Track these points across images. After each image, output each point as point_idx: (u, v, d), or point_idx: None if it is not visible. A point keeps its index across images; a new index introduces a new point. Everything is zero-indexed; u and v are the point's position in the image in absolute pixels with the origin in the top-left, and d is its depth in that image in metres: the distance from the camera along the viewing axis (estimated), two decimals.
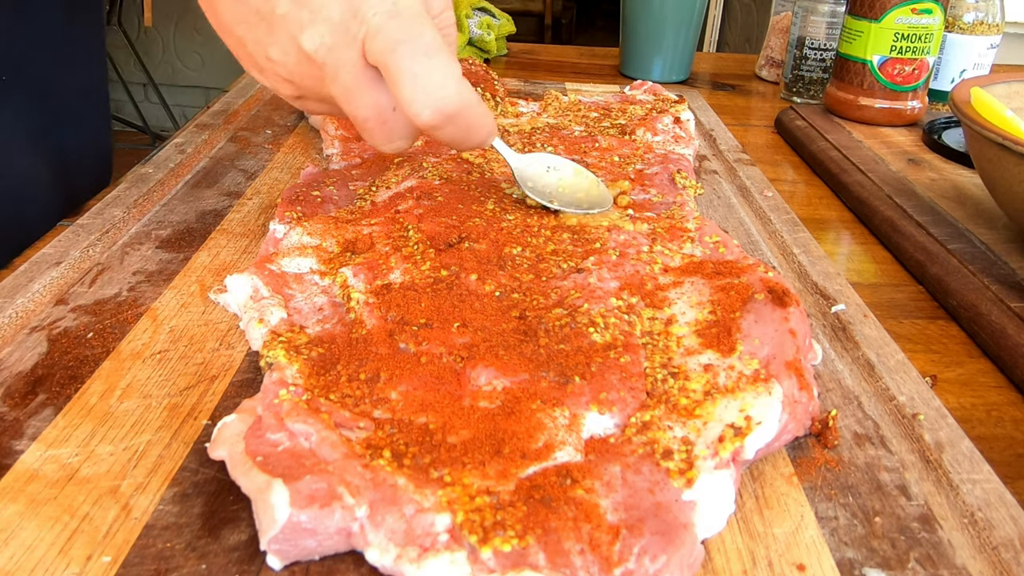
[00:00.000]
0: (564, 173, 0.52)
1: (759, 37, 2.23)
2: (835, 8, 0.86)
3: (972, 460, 0.34)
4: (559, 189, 0.51)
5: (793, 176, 0.70)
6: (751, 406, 0.33)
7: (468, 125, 0.39)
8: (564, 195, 0.51)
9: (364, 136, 0.41)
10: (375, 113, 0.39)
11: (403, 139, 0.41)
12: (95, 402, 0.35)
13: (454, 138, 0.40)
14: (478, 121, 0.40)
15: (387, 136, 0.40)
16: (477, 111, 0.39)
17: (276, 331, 0.38)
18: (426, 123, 0.37)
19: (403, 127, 0.40)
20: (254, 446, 0.30)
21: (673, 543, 0.28)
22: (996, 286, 0.47)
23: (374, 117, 0.39)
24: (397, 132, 0.40)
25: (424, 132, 0.39)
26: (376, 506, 0.28)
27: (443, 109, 0.37)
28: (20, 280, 0.43)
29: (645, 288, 0.42)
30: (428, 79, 0.36)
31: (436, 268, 0.42)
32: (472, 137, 0.40)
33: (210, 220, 0.53)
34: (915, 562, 0.29)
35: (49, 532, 0.29)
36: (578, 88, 0.88)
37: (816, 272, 0.49)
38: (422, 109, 0.37)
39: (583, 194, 0.51)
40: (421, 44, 0.36)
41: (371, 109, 0.39)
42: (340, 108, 0.40)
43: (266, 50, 0.39)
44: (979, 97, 0.53)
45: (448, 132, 0.39)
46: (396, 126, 0.40)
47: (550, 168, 0.51)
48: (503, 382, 0.34)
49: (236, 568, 0.28)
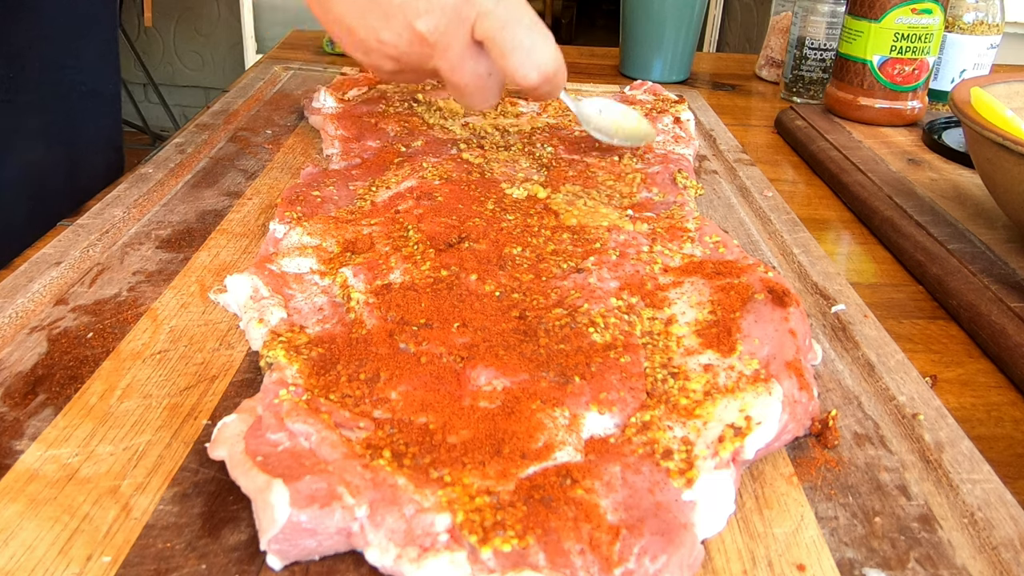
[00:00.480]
0: (614, 114, 0.63)
1: (759, 37, 2.23)
2: (835, 8, 0.86)
3: (972, 460, 0.34)
4: (613, 127, 0.62)
5: (793, 176, 0.70)
6: (751, 406, 0.33)
7: (557, 82, 0.49)
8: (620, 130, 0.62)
9: (460, 99, 0.51)
10: (475, 79, 0.48)
11: (495, 98, 0.51)
12: (95, 402, 0.35)
13: (543, 93, 0.50)
14: (562, 77, 0.50)
15: (484, 97, 0.50)
16: (563, 70, 0.50)
17: (276, 331, 0.38)
18: (532, 83, 0.48)
19: (497, 88, 0.50)
20: (254, 446, 0.30)
21: (673, 543, 0.28)
22: (996, 286, 0.47)
23: (473, 82, 0.49)
24: (492, 92, 0.50)
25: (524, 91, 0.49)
26: (376, 506, 0.28)
27: (546, 72, 0.48)
28: (20, 280, 0.43)
29: (645, 288, 0.42)
30: (534, 49, 0.47)
31: (436, 268, 0.42)
32: (556, 90, 0.51)
33: (210, 220, 0.53)
34: (915, 562, 0.29)
35: (49, 532, 0.29)
36: (578, 88, 0.88)
37: (816, 272, 0.49)
38: (531, 72, 0.47)
39: (632, 129, 0.63)
40: (525, 22, 0.46)
41: (473, 76, 0.48)
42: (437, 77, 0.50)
43: (378, 34, 0.47)
44: (979, 97, 0.53)
45: (543, 89, 0.49)
46: (492, 88, 0.50)
47: (602, 111, 0.63)
48: (503, 382, 0.34)
49: (236, 568, 0.28)
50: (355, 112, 0.68)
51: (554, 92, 0.51)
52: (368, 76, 0.80)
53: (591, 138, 0.64)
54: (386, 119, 0.66)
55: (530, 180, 0.55)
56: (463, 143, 0.62)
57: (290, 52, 1.01)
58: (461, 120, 0.68)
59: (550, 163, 0.59)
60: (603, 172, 0.58)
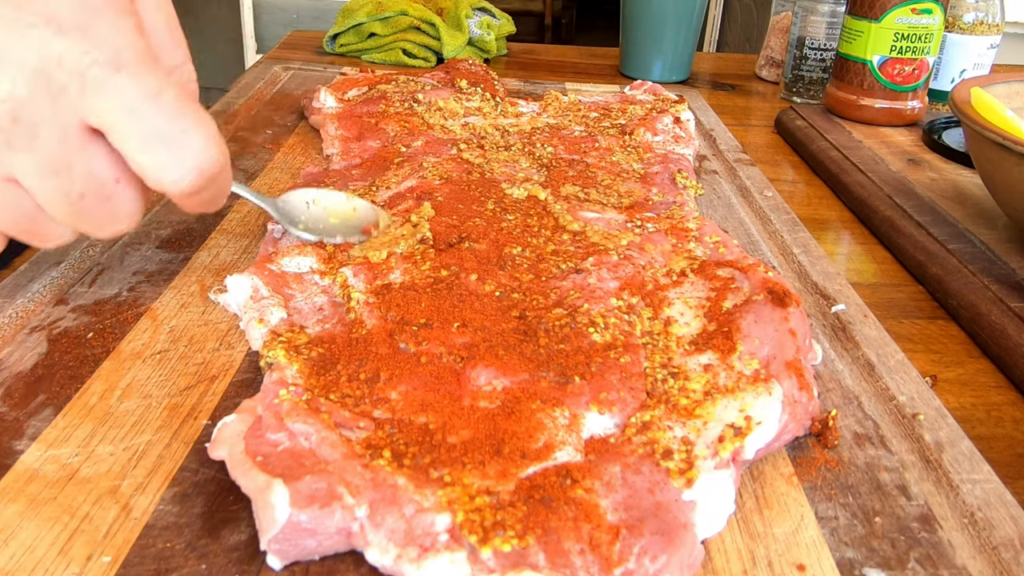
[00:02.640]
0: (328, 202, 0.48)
1: (759, 37, 2.23)
2: (835, 8, 0.86)
3: (972, 460, 0.34)
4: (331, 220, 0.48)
5: (793, 176, 0.70)
6: (751, 406, 0.33)
7: (223, 181, 0.34)
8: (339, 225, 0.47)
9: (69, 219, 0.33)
10: (95, 187, 0.32)
11: (128, 218, 0.34)
12: (95, 402, 0.35)
13: (207, 202, 0.35)
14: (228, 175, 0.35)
15: (110, 215, 0.33)
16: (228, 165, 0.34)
17: (276, 331, 0.38)
18: (187, 188, 0.32)
19: (129, 202, 0.33)
20: (254, 446, 0.30)
21: (673, 543, 0.28)
22: (996, 286, 0.47)
23: (93, 192, 0.32)
24: (122, 209, 0.33)
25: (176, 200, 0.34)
26: (376, 506, 0.28)
27: (209, 170, 0.32)
28: (20, 280, 0.43)
29: (645, 288, 0.42)
30: (185, 138, 0.31)
31: (436, 268, 0.42)
32: (223, 193, 0.36)
33: (210, 220, 0.53)
34: (915, 562, 0.29)
35: (49, 532, 0.29)
36: (578, 88, 0.88)
37: (816, 272, 0.49)
38: (185, 175, 0.31)
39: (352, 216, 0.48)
40: (166, 100, 0.31)
41: (89, 182, 0.31)
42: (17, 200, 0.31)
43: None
44: (979, 97, 0.53)
45: (206, 195, 0.34)
46: (121, 202, 0.33)
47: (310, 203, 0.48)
48: (503, 382, 0.34)
49: (236, 568, 0.28)
50: (355, 112, 0.68)
51: (220, 196, 0.36)
52: (368, 76, 0.80)
53: (592, 138, 0.64)
54: (386, 119, 0.66)
55: (530, 180, 0.55)
56: (463, 143, 0.62)
57: (290, 52, 1.01)
58: (461, 120, 0.68)
59: (550, 163, 0.59)
60: (603, 172, 0.58)
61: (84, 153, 0.31)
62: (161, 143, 0.31)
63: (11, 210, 0.32)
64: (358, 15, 0.97)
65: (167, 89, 0.31)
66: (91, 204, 0.32)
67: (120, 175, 0.32)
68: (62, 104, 0.29)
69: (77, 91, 0.29)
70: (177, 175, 0.31)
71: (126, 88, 0.30)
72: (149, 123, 0.30)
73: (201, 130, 0.32)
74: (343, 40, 0.99)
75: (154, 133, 0.30)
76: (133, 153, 0.31)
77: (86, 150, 0.31)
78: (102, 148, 0.31)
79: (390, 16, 0.96)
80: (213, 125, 0.33)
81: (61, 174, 0.31)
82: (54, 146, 0.30)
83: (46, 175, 0.31)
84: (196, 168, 0.32)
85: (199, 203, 0.35)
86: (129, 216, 0.34)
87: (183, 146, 0.31)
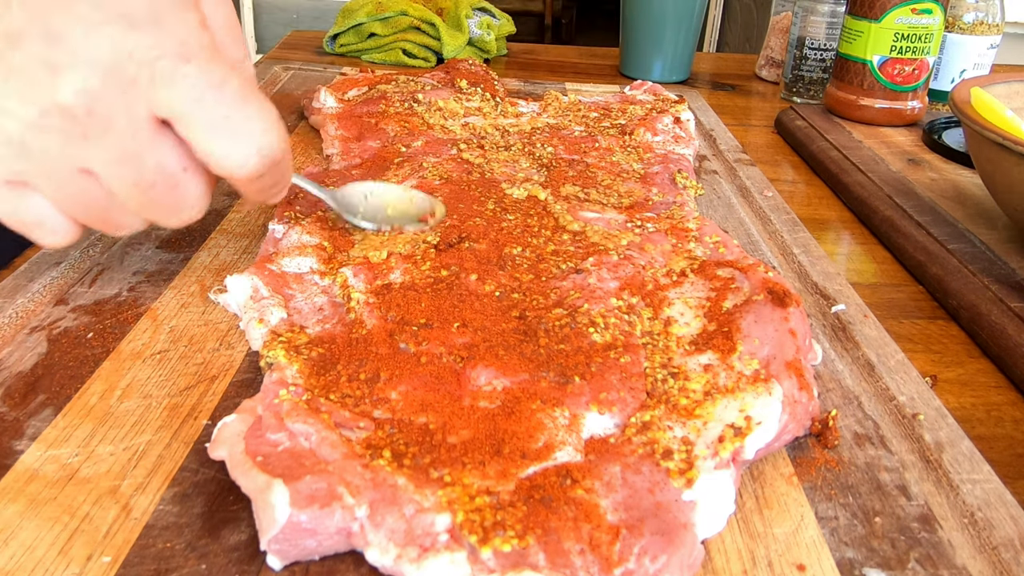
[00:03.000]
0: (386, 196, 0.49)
1: (759, 37, 2.23)
2: (835, 8, 0.86)
3: (972, 460, 0.34)
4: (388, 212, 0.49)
5: (793, 176, 0.70)
6: (751, 406, 0.33)
7: (286, 167, 0.36)
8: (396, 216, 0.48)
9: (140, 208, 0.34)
10: (163, 177, 0.33)
11: (195, 207, 0.35)
12: (95, 402, 0.35)
13: (269, 188, 0.36)
14: (290, 161, 0.37)
15: (178, 204, 0.35)
16: (290, 152, 0.36)
17: (276, 331, 0.38)
18: (252, 171, 0.33)
19: (196, 191, 0.35)
20: (254, 446, 0.30)
21: (673, 543, 0.28)
22: (996, 286, 0.47)
23: (162, 181, 0.33)
24: (189, 198, 0.35)
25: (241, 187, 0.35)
26: (376, 506, 0.28)
27: (270, 155, 0.34)
28: (20, 280, 0.43)
29: (645, 288, 0.42)
30: (250, 126, 0.33)
31: (436, 268, 0.42)
32: (286, 179, 0.37)
33: (210, 220, 0.53)
34: (915, 562, 0.29)
35: (49, 532, 0.29)
36: (578, 88, 0.88)
37: (816, 272, 0.49)
38: (248, 159, 0.33)
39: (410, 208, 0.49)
40: (230, 89, 0.32)
41: (158, 172, 0.33)
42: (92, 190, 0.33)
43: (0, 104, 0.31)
44: (979, 97, 0.53)
45: (268, 180, 0.35)
46: (188, 191, 0.34)
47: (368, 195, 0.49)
48: (503, 382, 0.34)
49: (236, 568, 0.28)
50: (355, 112, 0.68)
51: (283, 183, 0.37)
52: (368, 76, 0.80)
53: (592, 138, 0.64)
54: (386, 119, 0.66)
55: (530, 180, 0.55)
56: (463, 143, 0.62)
57: (290, 52, 1.01)
58: (461, 120, 0.68)
59: (550, 163, 0.59)
60: (603, 172, 0.58)
61: (153, 143, 0.32)
62: (226, 129, 0.32)
63: (86, 200, 0.34)
64: (358, 15, 0.97)
65: (231, 79, 0.32)
66: (160, 193, 0.34)
67: (187, 164, 0.34)
68: (133, 96, 0.31)
69: (147, 82, 0.31)
70: (241, 159, 0.33)
71: (193, 78, 0.31)
72: (214, 111, 0.32)
73: (264, 117, 0.33)
74: (343, 40, 0.99)
75: (219, 120, 0.32)
76: (199, 140, 0.32)
77: (155, 140, 0.32)
78: (170, 139, 0.33)
79: (390, 16, 0.96)
80: (275, 113, 0.34)
81: (132, 164, 0.32)
82: (126, 137, 0.32)
83: (118, 165, 0.32)
84: (259, 153, 0.33)
85: (261, 189, 0.36)
86: (196, 205, 0.35)
87: (247, 132, 0.33)
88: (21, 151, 0.32)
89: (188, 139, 0.33)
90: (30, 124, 0.31)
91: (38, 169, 0.32)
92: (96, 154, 0.32)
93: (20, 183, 0.33)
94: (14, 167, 0.32)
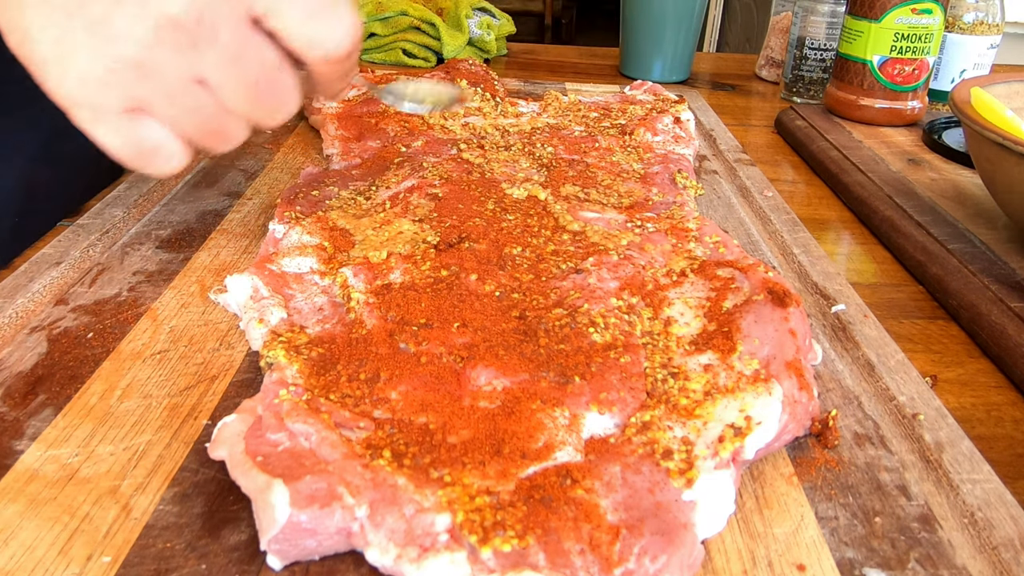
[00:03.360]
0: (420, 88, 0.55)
1: (759, 37, 2.23)
2: (835, 8, 0.86)
3: (972, 460, 0.34)
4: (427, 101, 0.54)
5: (793, 176, 0.70)
6: (751, 406, 0.33)
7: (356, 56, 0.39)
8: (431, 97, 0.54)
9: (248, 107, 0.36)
10: (266, 72, 0.36)
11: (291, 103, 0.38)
12: (95, 402, 0.35)
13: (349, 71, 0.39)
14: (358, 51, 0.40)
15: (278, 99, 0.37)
16: None
17: (276, 331, 0.38)
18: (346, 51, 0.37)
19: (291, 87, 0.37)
20: (254, 446, 0.30)
21: (673, 543, 0.28)
22: (996, 286, 0.47)
23: (265, 78, 0.36)
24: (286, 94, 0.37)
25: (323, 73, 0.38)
26: (376, 506, 0.28)
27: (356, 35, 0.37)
28: (20, 280, 0.43)
29: (645, 288, 0.42)
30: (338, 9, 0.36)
31: (436, 268, 0.42)
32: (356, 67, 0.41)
33: (210, 220, 0.53)
34: (915, 562, 0.29)
35: (49, 532, 0.29)
36: (578, 88, 0.88)
37: (816, 272, 0.49)
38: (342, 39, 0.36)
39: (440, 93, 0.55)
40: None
41: (261, 68, 0.35)
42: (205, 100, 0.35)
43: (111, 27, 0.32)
44: (979, 97, 0.53)
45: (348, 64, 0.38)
46: (285, 86, 0.37)
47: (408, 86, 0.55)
48: (503, 382, 0.34)
49: (236, 568, 0.28)
50: (355, 112, 0.68)
51: (355, 67, 0.41)
52: (368, 76, 0.80)
53: (592, 138, 0.64)
54: (386, 119, 0.66)
55: (530, 180, 0.55)
56: (463, 143, 0.62)
57: None
58: (461, 120, 0.68)
59: (550, 163, 0.59)
60: (603, 172, 0.58)
61: (253, 41, 0.35)
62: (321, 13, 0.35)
63: (200, 111, 0.36)
64: None
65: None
66: (264, 89, 0.36)
67: (281, 60, 0.36)
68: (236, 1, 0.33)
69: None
70: (338, 39, 0.36)
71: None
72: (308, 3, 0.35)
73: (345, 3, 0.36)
74: None
75: (312, 8, 0.35)
76: (297, 27, 0.35)
77: (254, 39, 0.35)
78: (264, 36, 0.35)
79: (390, 16, 0.96)
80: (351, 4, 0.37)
81: (239, 64, 0.35)
82: (232, 39, 0.34)
83: (228, 67, 0.34)
84: (349, 32, 0.36)
85: (345, 73, 0.39)
86: (291, 99, 0.38)
87: (336, 16, 0.36)
88: (139, 73, 0.33)
89: (283, 30, 0.35)
90: (146, 43, 0.32)
91: (155, 87, 0.34)
92: (207, 60, 0.34)
93: (137, 109, 0.35)
94: (132, 92, 0.34)
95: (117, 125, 0.35)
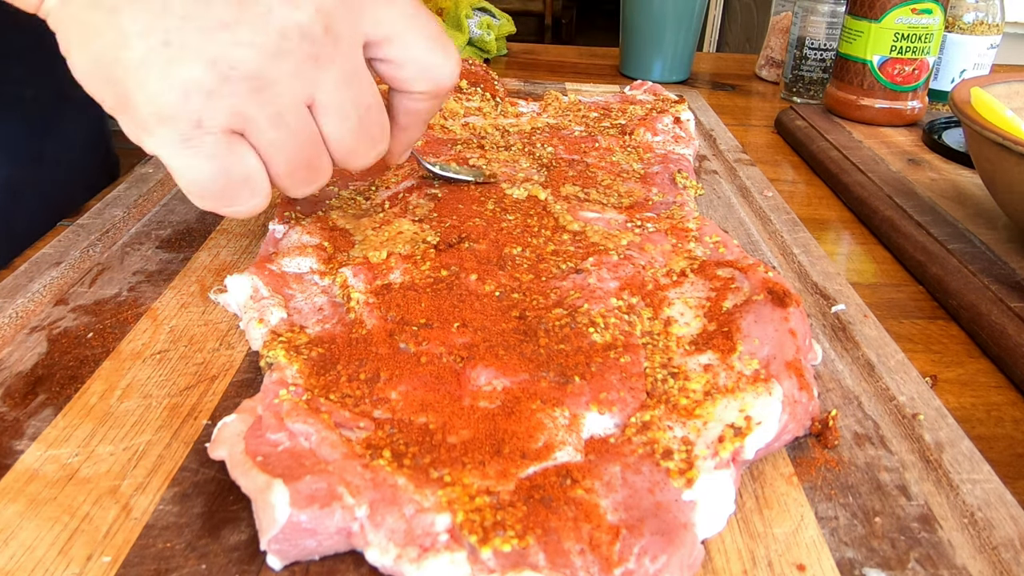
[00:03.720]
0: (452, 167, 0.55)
1: (759, 37, 2.23)
2: (835, 8, 0.86)
3: (972, 460, 0.34)
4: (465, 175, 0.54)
5: (793, 176, 0.70)
6: (751, 406, 0.33)
7: None
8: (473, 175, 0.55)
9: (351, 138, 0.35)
10: (374, 97, 0.35)
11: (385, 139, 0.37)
12: (95, 402, 0.35)
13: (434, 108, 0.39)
14: None
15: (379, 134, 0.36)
16: None
17: (276, 331, 0.38)
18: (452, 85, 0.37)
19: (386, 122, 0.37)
20: (254, 446, 0.30)
21: (673, 543, 0.28)
22: (996, 286, 0.47)
23: (375, 103, 0.35)
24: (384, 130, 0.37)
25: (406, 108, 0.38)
26: (376, 506, 0.28)
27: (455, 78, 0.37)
28: (20, 280, 0.43)
29: (645, 288, 0.42)
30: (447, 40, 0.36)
31: (436, 268, 0.42)
32: None
33: (210, 220, 0.53)
34: (915, 562, 0.29)
35: (49, 532, 0.29)
36: (578, 88, 0.88)
37: (816, 272, 0.49)
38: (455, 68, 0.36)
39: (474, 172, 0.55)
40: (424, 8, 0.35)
41: (372, 92, 0.34)
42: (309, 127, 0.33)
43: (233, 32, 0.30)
44: (979, 97, 0.53)
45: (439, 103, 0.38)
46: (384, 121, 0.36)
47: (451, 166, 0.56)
48: (503, 382, 0.34)
49: (236, 568, 0.28)
50: None
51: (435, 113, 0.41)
52: None
53: (592, 138, 0.64)
54: None
55: (530, 180, 0.55)
56: (463, 143, 0.62)
57: None
58: (461, 120, 0.68)
59: (550, 163, 0.59)
60: (603, 172, 0.58)
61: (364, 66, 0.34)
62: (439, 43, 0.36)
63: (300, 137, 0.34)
64: None
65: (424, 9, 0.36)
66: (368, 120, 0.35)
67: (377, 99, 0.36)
68: (356, 14, 0.33)
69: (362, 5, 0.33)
70: (451, 68, 0.36)
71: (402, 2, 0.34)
72: (427, 27, 0.35)
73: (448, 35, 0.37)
74: None
75: (432, 35, 0.35)
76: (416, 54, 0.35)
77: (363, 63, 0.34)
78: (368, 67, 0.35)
79: None
80: None
81: (353, 86, 0.33)
82: (348, 58, 0.33)
83: (344, 88, 0.33)
84: (459, 67, 0.37)
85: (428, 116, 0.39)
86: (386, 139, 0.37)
87: (450, 48, 0.36)
88: (253, 85, 0.31)
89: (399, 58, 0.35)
90: (268, 51, 0.30)
91: (265, 104, 0.31)
92: (325, 78, 0.32)
93: (237, 132, 0.32)
94: (240, 108, 0.31)
95: (214, 148, 0.32)
